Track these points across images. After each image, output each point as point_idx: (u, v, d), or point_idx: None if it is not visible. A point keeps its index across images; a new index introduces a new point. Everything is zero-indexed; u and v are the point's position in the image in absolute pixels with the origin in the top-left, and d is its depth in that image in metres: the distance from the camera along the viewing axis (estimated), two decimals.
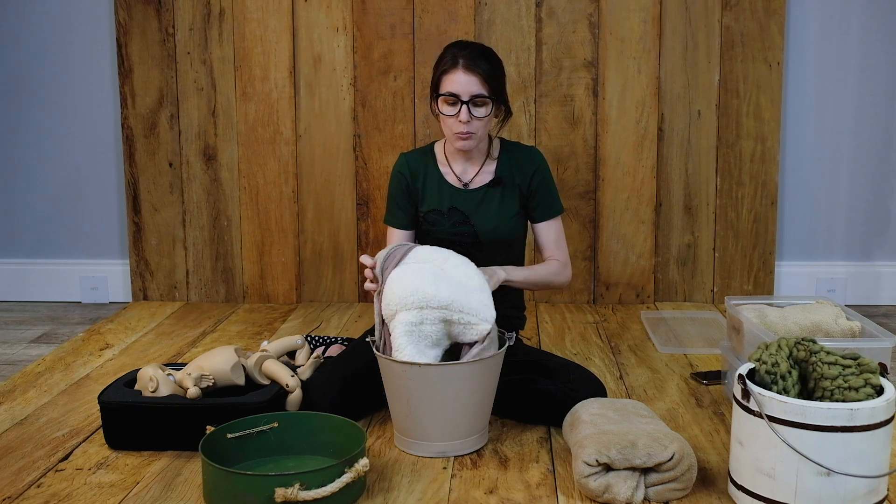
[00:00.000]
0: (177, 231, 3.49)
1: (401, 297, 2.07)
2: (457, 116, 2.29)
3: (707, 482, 1.93)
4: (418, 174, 2.45)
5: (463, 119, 2.28)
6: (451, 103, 2.30)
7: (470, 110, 2.28)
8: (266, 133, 3.41)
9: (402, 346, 2.06)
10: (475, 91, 2.28)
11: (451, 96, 2.29)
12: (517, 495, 1.89)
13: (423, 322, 2.06)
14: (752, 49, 3.29)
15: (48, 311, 3.50)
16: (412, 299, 2.06)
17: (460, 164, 2.45)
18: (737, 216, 3.39)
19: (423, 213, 2.44)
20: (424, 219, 2.44)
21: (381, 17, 3.33)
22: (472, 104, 2.29)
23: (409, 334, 2.06)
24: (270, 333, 3.09)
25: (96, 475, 2.00)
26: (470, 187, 2.43)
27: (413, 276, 2.10)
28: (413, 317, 2.06)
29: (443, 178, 2.44)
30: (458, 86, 2.28)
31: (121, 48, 3.39)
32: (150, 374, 2.14)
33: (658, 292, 3.45)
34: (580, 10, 3.30)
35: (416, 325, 2.06)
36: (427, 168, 2.45)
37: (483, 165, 2.44)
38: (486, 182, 2.43)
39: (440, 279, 2.09)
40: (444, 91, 2.30)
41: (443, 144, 2.48)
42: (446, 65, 2.31)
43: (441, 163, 2.46)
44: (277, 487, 1.75)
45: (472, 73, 2.28)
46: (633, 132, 3.35)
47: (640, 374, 2.65)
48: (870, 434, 1.69)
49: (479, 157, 2.44)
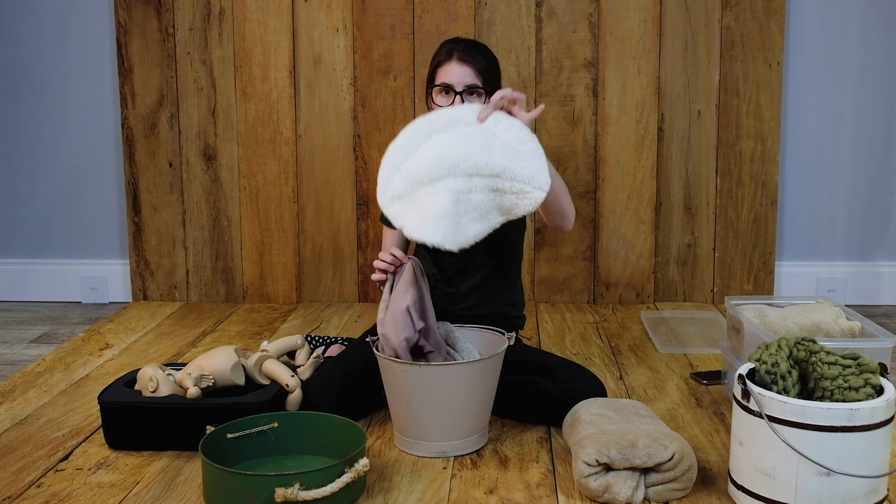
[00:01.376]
0: (177, 231, 3.49)
1: (451, 162, 1.90)
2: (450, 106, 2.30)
3: (707, 482, 1.93)
4: None
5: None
6: (446, 93, 2.32)
7: (464, 100, 2.30)
8: (266, 133, 3.41)
9: (443, 215, 1.87)
10: (469, 81, 2.30)
11: (446, 87, 2.31)
12: (517, 495, 1.89)
13: (472, 191, 1.90)
14: (752, 49, 3.29)
15: (48, 311, 3.50)
16: (463, 165, 1.89)
17: None
18: (737, 216, 3.39)
19: None
20: None
21: (381, 17, 3.33)
22: (466, 94, 2.30)
23: (455, 203, 1.89)
24: (270, 333, 3.09)
25: (96, 475, 2.00)
26: None
27: (462, 140, 1.92)
28: (461, 184, 1.89)
29: None
30: (453, 76, 2.30)
31: (121, 48, 3.39)
32: (150, 374, 2.14)
33: (658, 292, 3.45)
34: (580, 10, 3.30)
35: (463, 195, 1.88)
36: None
37: None
38: None
39: (492, 144, 1.94)
40: (438, 82, 2.32)
41: None
42: (441, 56, 2.34)
43: None
44: (277, 487, 1.75)
45: (466, 64, 2.30)
46: (633, 132, 3.35)
47: (640, 374, 2.65)
48: (870, 434, 1.69)
49: None
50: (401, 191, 2.02)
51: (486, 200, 1.92)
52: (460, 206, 1.88)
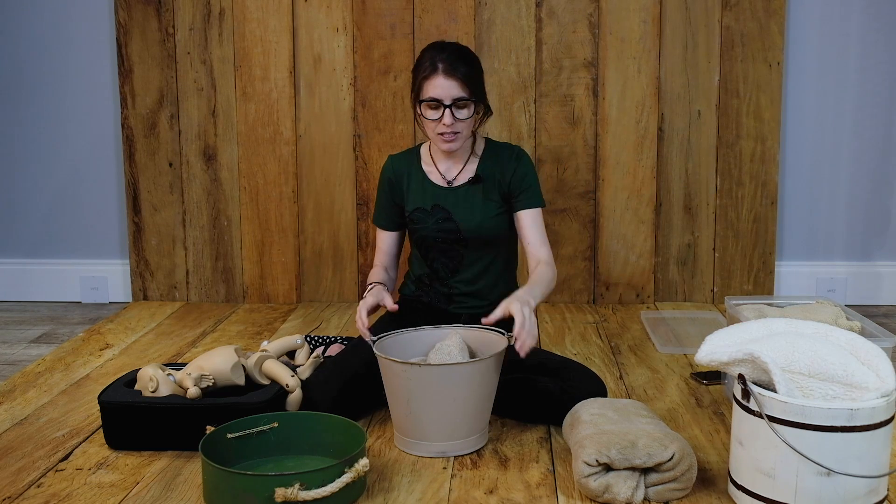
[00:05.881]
0: (177, 231, 3.49)
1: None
2: (440, 120, 2.33)
3: (707, 482, 1.93)
4: (402, 175, 2.50)
5: (447, 122, 2.32)
6: (434, 107, 2.33)
7: (453, 113, 2.32)
8: (266, 133, 3.41)
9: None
10: (456, 94, 2.32)
11: (434, 101, 2.32)
12: (517, 495, 1.89)
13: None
14: (752, 49, 3.29)
15: (48, 311, 3.50)
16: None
17: (444, 162, 2.49)
18: (737, 216, 3.39)
19: (409, 213, 2.49)
20: (410, 218, 2.49)
21: (381, 17, 3.33)
22: (454, 107, 2.32)
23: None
24: (270, 333, 3.09)
25: (96, 475, 2.00)
26: (453, 185, 2.46)
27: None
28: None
29: (426, 177, 2.49)
30: (440, 90, 2.31)
31: (121, 48, 3.39)
32: (150, 374, 2.14)
33: (658, 292, 3.45)
34: (580, 10, 3.30)
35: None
36: (411, 168, 2.50)
37: (466, 164, 2.48)
38: (467, 180, 2.47)
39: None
40: (425, 97, 2.33)
41: (428, 145, 2.53)
42: (426, 70, 2.33)
43: (426, 162, 2.50)
44: (277, 487, 1.75)
45: (451, 77, 2.31)
46: (633, 132, 3.35)
47: (640, 374, 2.65)
48: (870, 434, 1.69)
49: (463, 156, 2.48)
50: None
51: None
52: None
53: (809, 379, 1.75)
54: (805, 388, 1.75)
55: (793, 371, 1.76)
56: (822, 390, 1.74)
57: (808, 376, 1.75)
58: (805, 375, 1.75)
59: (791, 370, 1.76)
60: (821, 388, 1.74)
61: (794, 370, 1.76)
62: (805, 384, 1.75)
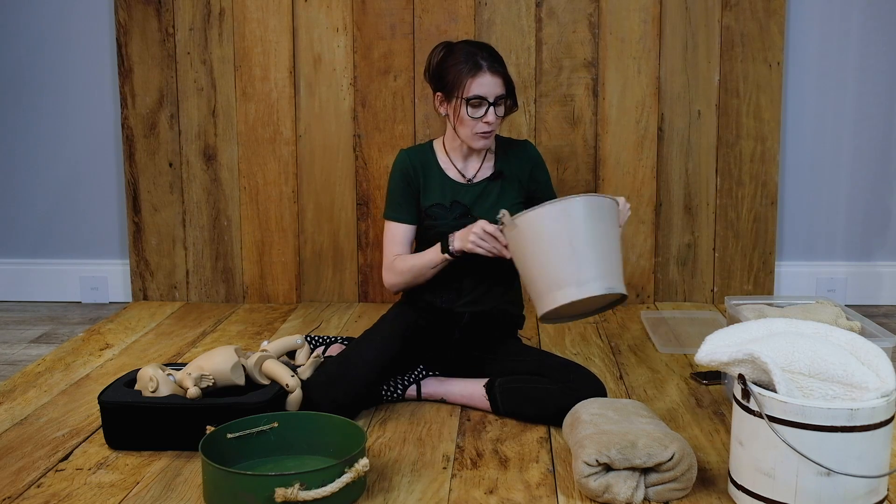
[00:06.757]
0: (177, 231, 3.49)
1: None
2: (482, 118, 2.34)
3: (707, 482, 1.93)
4: (418, 168, 2.48)
5: (491, 121, 2.35)
6: (477, 105, 2.34)
7: (495, 111, 2.35)
8: (266, 133, 3.41)
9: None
10: (499, 92, 2.35)
11: (478, 98, 2.33)
12: (517, 495, 1.89)
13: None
14: (752, 49, 3.29)
15: (48, 311, 3.50)
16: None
17: (462, 159, 2.48)
18: (737, 216, 3.39)
19: (426, 208, 2.47)
20: (427, 213, 2.47)
21: (381, 17, 3.33)
22: (495, 105, 2.35)
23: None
24: (270, 333, 3.09)
25: (96, 475, 2.00)
26: (473, 181, 2.47)
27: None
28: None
29: (444, 173, 2.48)
30: (486, 88, 2.33)
31: (121, 48, 3.39)
32: (150, 374, 2.14)
33: (658, 292, 3.45)
34: (580, 10, 3.30)
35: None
36: (427, 163, 2.49)
37: (484, 160, 2.49)
38: (487, 176, 2.48)
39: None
40: (470, 94, 2.33)
41: (442, 142, 2.51)
42: (469, 68, 2.34)
43: (442, 159, 2.49)
44: (277, 487, 1.75)
45: (496, 74, 2.34)
46: (633, 132, 3.35)
47: (640, 374, 2.65)
48: (870, 434, 1.69)
49: (482, 152, 2.48)
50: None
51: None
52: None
53: (809, 379, 1.75)
54: (805, 388, 1.75)
55: (793, 371, 1.76)
56: (822, 390, 1.74)
57: (808, 376, 1.75)
58: (805, 375, 1.75)
59: (791, 370, 1.76)
60: (821, 388, 1.74)
61: (794, 370, 1.76)
62: (805, 384, 1.75)
